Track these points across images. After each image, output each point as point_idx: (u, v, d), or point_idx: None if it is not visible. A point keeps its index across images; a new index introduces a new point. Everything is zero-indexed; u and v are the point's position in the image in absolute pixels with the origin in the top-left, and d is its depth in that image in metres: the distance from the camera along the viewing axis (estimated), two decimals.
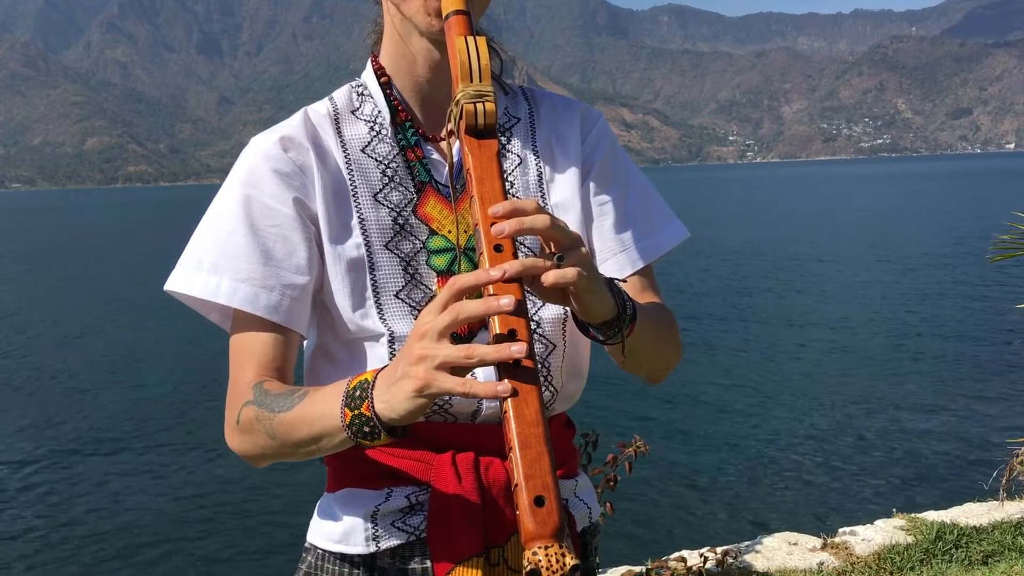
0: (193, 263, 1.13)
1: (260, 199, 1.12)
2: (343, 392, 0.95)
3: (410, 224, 1.14)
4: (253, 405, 1.05)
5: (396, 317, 1.12)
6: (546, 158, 1.22)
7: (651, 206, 1.27)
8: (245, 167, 1.14)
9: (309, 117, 1.18)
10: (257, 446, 1.07)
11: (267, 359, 1.10)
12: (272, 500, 7.88)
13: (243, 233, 1.11)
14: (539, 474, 0.79)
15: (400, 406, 0.88)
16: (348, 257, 1.12)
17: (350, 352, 1.15)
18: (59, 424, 10.94)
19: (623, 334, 1.04)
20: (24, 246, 44.72)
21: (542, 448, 0.81)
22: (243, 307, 1.09)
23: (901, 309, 16.89)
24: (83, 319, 19.56)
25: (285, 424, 1.01)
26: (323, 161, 1.15)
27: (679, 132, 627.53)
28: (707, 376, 12.14)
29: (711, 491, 7.84)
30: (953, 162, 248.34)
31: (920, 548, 4.21)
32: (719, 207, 59.35)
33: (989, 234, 29.36)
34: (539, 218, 0.89)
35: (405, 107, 1.19)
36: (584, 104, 1.29)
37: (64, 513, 7.94)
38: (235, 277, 1.10)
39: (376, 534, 1.12)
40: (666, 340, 1.19)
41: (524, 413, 0.82)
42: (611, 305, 1.00)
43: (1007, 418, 9.48)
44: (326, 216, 1.12)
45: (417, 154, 1.17)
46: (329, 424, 0.96)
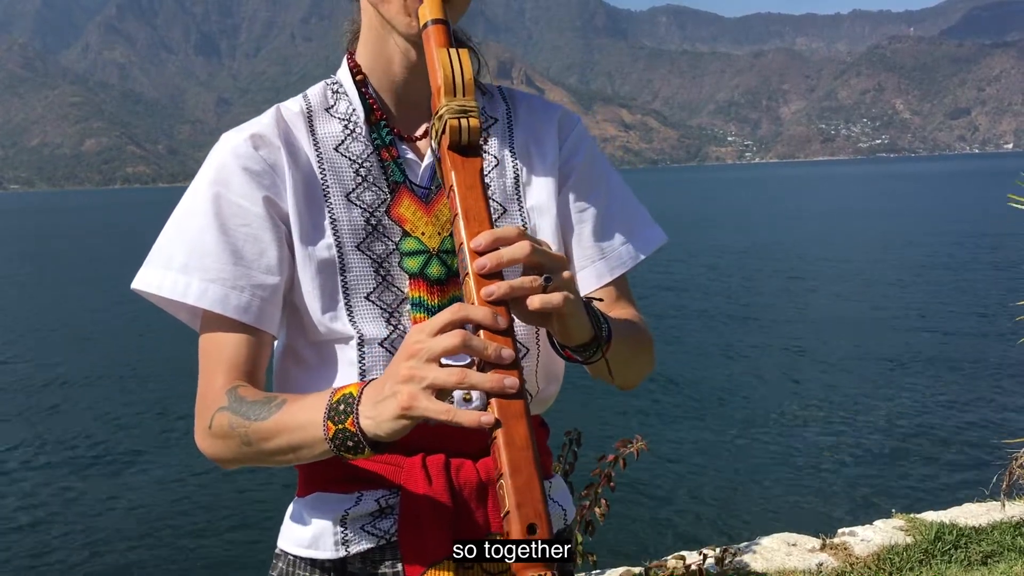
0: (161, 261, 1.11)
1: (230, 198, 1.10)
2: (326, 405, 0.94)
3: (383, 225, 1.13)
4: (227, 412, 1.04)
5: (366, 320, 1.11)
6: (523, 160, 1.21)
7: (630, 212, 1.26)
8: (214, 165, 1.13)
9: (281, 114, 1.16)
10: (230, 451, 1.05)
11: (238, 361, 1.09)
12: (244, 506, 7.70)
13: (213, 232, 1.09)
14: (530, 501, 0.79)
15: (385, 425, 0.88)
16: (319, 258, 1.10)
17: (319, 354, 1.14)
18: (39, 428, 10.83)
19: (600, 354, 1.04)
20: (21, 247, 44.64)
21: (532, 473, 0.80)
22: (213, 308, 1.08)
23: (899, 310, 16.83)
24: (74, 321, 19.49)
25: (262, 432, 1.00)
26: (295, 159, 1.13)
27: (678, 133, 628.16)
28: (706, 376, 12.09)
29: (710, 491, 7.78)
30: (951, 162, 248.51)
31: (919, 549, 4.22)
32: (718, 207, 59.33)
33: (987, 234, 29.29)
34: (519, 247, 0.89)
35: (380, 106, 1.17)
36: (563, 107, 1.28)
37: (30, 517, 7.77)
38: (204, 277, 1.08)
39: (346, 538, 1.11)
40: (639, 353, 1.19)
41: (513, 438, 0.81)
42: (588, 328, 1.00)
43: (1006, 419, 9.41)
44: (297, 216, 1.11)
45: (392, 153, 1.16)
46: (310, 435, 0.96)
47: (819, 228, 37.28)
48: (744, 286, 20.83)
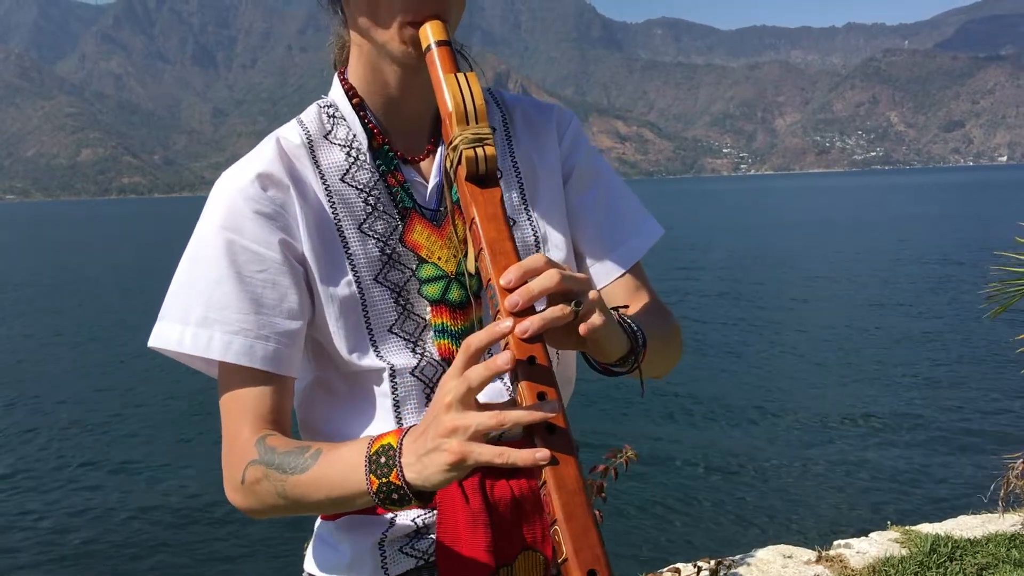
0: (178, 316, 1.06)
1: (244, 244, 1.05)
2: (365, 457, 0.92)
3: (398, 253, 1.10)
4: (260, 465, 1.00)
5: (393, 352, 1.09)
6: (527, 169, 1.19)
7: (629, 205, 1.25)
8: (223, 209, 1.07)
9: (283, 148, 1.11)
10: (265, 505, 1.02)
11: (264, 410, 1.05)
12: (258, 525, 7.45)
13: (230, 282, 1.05)
14: (588, 546, 0.77)
15: (435, 478, 0.85)
16: (341, 296, 1.08)
17: (351, 386, 1.12)
18: (43, 439, 10.84)
19: (638, 364, 1.03)
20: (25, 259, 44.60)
21: (587, 517, 0.79)
22: (239, 361, 1.04)
23: (895, 322, 16.93)
24: (76, 334, 19.52)
25: (301, 486, 0.97)
26: (304, 197, 1.09)
27: (673, 144, 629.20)
28: (702, 388, 12.15)
29: (705, 503, 7.78)
30: (946, 175, 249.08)
31: (915, 561, 4.21)
32: (715, 218, 59.45)
33: (982, 246, 29.46)
34: (548, 276, 0.87)
35: (380, 129, 1.13)
36: (556, 105, 1.26)
37: (48, 530, 7.72)
38: (227, 330, 1.04)
39: (385, 562, 1.10)
40: (670, 346, 1.18)
41: (565, 481, 0.79)
42: (624, 341, 0.99)
43: (1003, 431, 9.41)
44: (314, 256, 1.08)
45: (398, 179, 1.12)
46: (352, 489, 0.93)
47: (815, 239, 37.42)
48: (738, 298, 20.92)
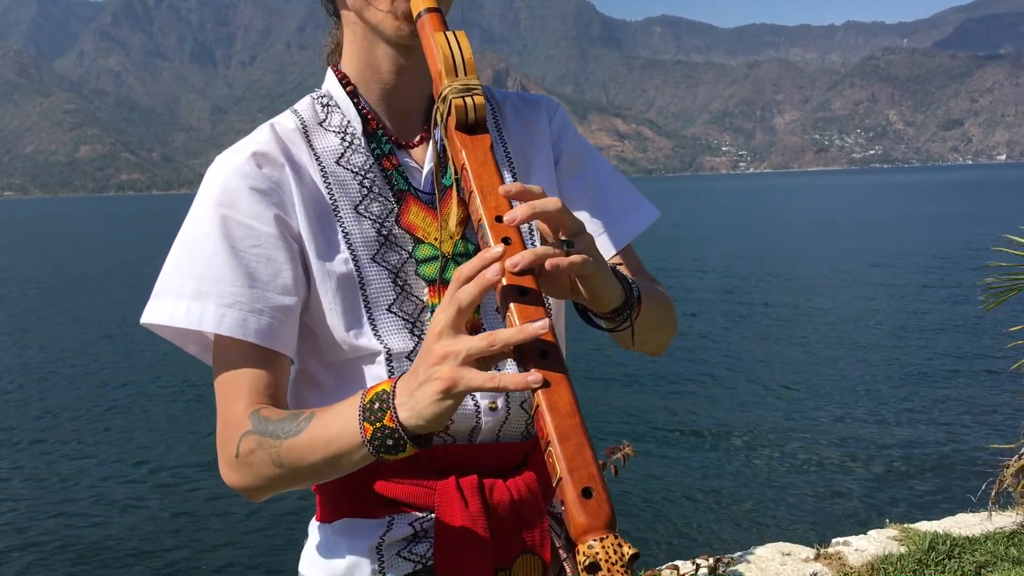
0: (171, 291, 1.05)
1: (238, 219, 1.05)
2: (358, 406, 0.91)
3: (394, 235, 1.11)
4: (254, 434, 0.99)
5: (391, 332, 1.09)
6: (520, 160, 1.20)
7: (619, 187, 1.27)
8: (217, 186, 1.08)
9: (277, 131, 1.13)
10: (261, 477, 1.00)
11: (260, 387, 1.04)
12: (253, 526, 7.45)
13: (224, 256, 1.04)
14: (583, 465, 0.76)
15: (427, 411, 0.84)
16: (337, 273, 1.08)
17: (338, 375, 1.11)
18: (42, 437, 10.82)
19: (632, 319, 1.02)
20: (24, 255, 44.58)
21: (582, 438, 0.78)
22: (232, 334, 1.02)
23: (891, 321, 16.97)
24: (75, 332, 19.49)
25: (295, 449, 0.96)
26: (299, 176, 1.10)
27: (672, 142, 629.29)
28: (700, 385, 12.18)
29: (704, 501, 7.78)
30: (945, 173, 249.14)
31: (913, 558, 4.20)
32: (713, 216, 59.48)
33: (979, 245, 29.48)
34: (550, 200, 0.87)
35: (374, 115, 1.15)
36: (543, 96, 1.29)
37: (43, 529, 7.64)
38: (220, 303, 1.03)
39: (383, 566, 1.09)
40: (665, 313, 1.19)
41: (558, 404, 0.79)
42: (619, 290, 0.98)
43: (999, 428, 9.39)
44: (310, 233, 1.08)
45: (393, 162, 1.14)
46: (347, 443, 0.92)
47: (814, 237, 37.41)
48: (736, 295, 20.95)
